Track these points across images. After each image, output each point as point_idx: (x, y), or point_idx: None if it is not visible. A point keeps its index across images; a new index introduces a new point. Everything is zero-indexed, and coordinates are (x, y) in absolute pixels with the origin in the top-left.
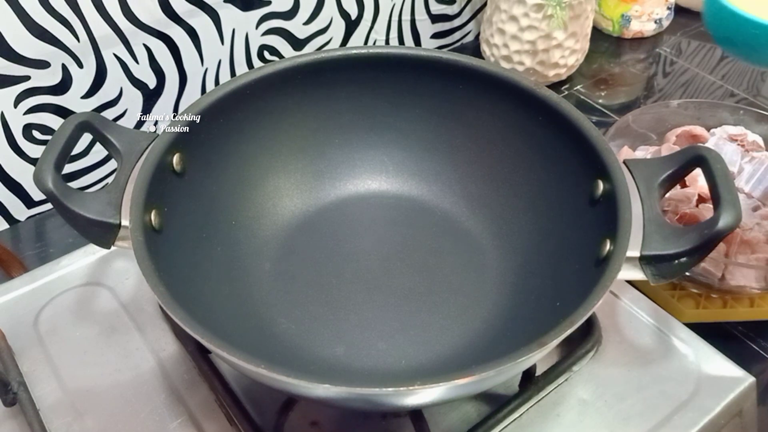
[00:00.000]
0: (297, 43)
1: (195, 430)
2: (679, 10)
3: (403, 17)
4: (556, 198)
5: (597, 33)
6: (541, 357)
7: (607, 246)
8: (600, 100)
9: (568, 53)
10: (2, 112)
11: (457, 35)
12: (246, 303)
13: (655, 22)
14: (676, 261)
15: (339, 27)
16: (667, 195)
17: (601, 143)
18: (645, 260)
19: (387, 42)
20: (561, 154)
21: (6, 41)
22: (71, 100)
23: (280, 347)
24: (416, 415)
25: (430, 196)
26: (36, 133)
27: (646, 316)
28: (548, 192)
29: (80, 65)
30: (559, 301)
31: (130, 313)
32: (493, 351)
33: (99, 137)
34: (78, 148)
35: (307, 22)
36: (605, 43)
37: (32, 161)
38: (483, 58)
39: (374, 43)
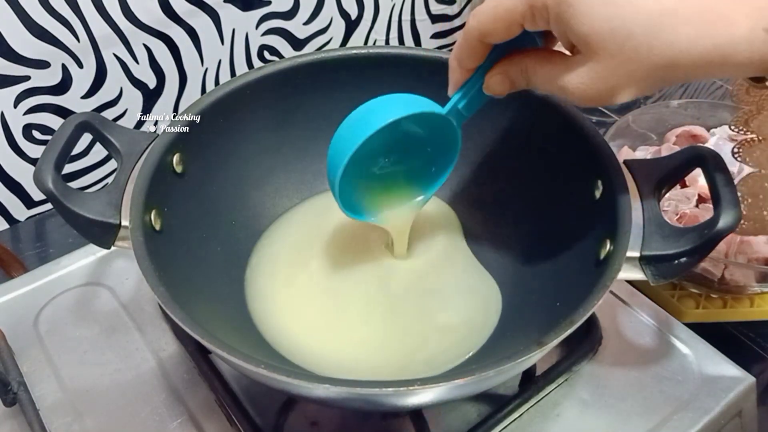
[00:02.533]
0: (297, 43)
1: (195, 430)
2: None
3: (403, 17)
4: (556, 198)
5: None
6: (541, 357)
7: (607, 246)
8: None
9: None
10: (2, 112)
11: (457, 35)
12: (246, 303)
13: None
14: (676, 261)
15: (339, 27)
16: (667, 195)
17: (601, 143)
18: (645, 260)
19: (387, 42)
20: (561, 154)
21: (6, 41)
22: (71, 100)
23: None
24: (416, 415)
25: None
26: (36, 133)
27: (646, 316)
28: (548, 192)
29: (80, 65)
30: (559, 301)
31: (130, 313)
32: (493, 351)
33: (99, 137)
34: (78, 148)
35: (307, 22)
36: None
37: (32, 161)
38: None
39: (374, 43)
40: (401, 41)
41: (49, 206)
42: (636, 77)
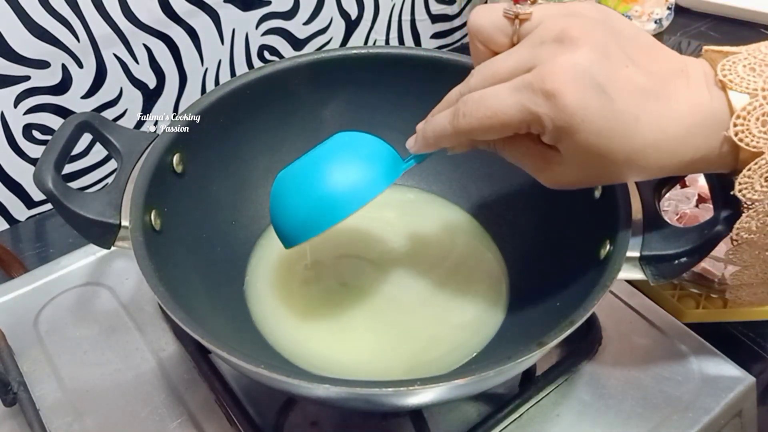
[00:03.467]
0: (297, 43)
1: (195, 430)
2: (679, 10)
3: (403, 17)
4: (555, 198)
5: None
6: (540, 357)
7: (607, 246)
8: None
9: None
10: (2, 112)
11: (457, 35)
12: (246, 303)
13: (655, 22)
14: (676, 261)
15: (339, 27)
16: (667, 195)
17: None
18: (645, 260)
19: (387, 42)
20: None
21: (6, 41)
22: (71, 100)
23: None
24: (416, 415)
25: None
26: (36, 133)
27: (646, 316)
28: (548, 192)
29: (80, 65)
30: (559, 301)
31: (130, 313)
32: (494, 351)
33: (99, 137)
34: (78, 148)
35: (307, 22)
36: None
37: (32, 161)
38: None
39: (374, 43)
40: (401, 41)
41: (49, 206)
42: (606, 181)
